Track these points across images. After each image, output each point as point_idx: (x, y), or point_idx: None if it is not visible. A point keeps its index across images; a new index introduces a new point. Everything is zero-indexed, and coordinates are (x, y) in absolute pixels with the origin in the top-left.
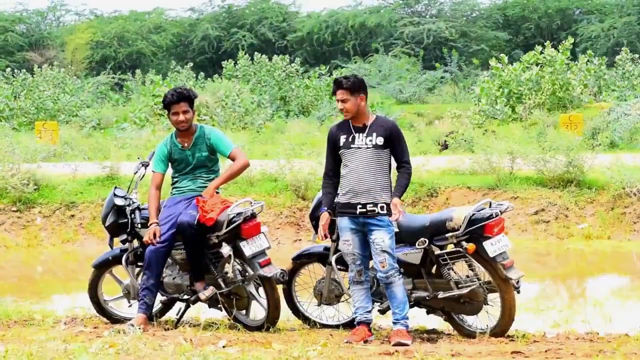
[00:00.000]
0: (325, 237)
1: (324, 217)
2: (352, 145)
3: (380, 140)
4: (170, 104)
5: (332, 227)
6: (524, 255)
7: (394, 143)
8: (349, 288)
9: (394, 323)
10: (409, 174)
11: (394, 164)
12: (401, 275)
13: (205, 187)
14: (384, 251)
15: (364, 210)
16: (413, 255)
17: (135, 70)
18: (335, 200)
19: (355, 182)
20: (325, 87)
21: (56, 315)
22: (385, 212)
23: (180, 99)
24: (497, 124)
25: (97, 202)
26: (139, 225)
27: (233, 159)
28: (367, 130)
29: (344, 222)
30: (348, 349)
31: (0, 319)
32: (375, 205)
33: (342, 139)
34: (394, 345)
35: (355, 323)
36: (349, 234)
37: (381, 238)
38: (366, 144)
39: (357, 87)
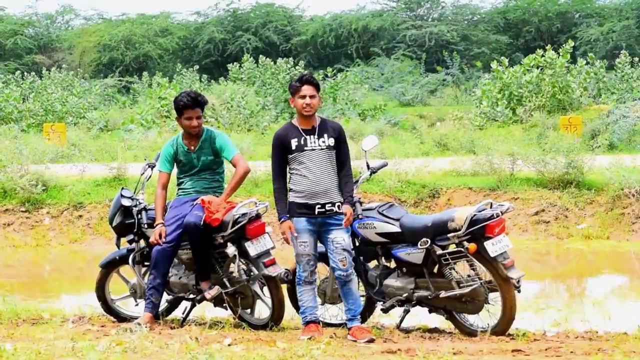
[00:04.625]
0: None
1: (288, 225)
2: (305, 148)
3: (331, 142)
4: (185, 109)
5: None
6: (524, 255)
7: (340, 145)
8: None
9: (351, 319)
10: (352, 179)
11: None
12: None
13: (210, 188)
14: (345, 250)
15: (323, 210)
16: (415, 255)
17: (142, 72)
18: (289, 201)
19: (313, 183)
20: (328, 89)
21: (64, 314)
22: (342, 211)
23: (195, 104)
24: (497, 125)
25: (104, 203)
26: (146, 226)
27: (234, 165)
28: (317, 132)
29: (301, 224)
30: (351, 347)
31: (9, 318)
32: (333, 204)
33: (294, 142)
34: (367, 342)
35: (303, 323)
36: (307, 235)
37: (341, 237)
38: (319, 145)
39: (319, 86)
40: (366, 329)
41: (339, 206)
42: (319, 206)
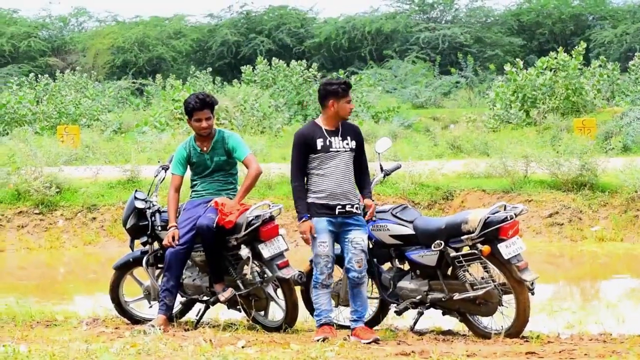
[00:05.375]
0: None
1: (309, 225)
2: (330, 149)
3: (353, 144)
4: (194, 111)
5: None
6: (538, 257)
7: (361, 148)
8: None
9: (356, 321)
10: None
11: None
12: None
13: (223, 189)
14: (362, 251)
15: (343, 210)
16: (429, 257)
17: (155, 75)
18: (309, 201)
19: (334, 185)
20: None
21: (78, 316)
22: (360, 212)
23: (203, 105)
24: (511, 128)
25: (118, 205)
26: (159, 228)
27: (246, 166)
28: (341, 134)
29: (322, 224)
30: (365, 349)
31: (23, 320)
32: (352, 206)
33: (319, 142)
34: (373, 342)
35: (317, 325)
36: (327, 236)
37: (360, 237)
38: (344, 147)
39: None
40: (370, 329)
41: (357, 207)
42: (340, 207)
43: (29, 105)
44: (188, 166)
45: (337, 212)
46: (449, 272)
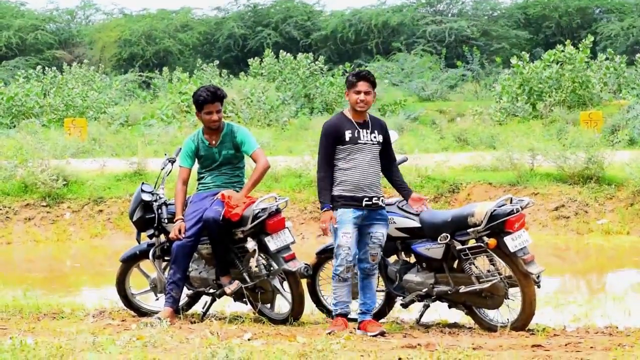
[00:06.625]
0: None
1: (330, 215)
2: (359, 141)
3: (380, 138)
4: (205, 103)
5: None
6: (544, 250)
7: (387, 142)
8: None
9: (364, 313)
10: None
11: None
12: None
13: (230, 183)
14: (380, 246)
15: (370, 202)
16: (435, 250)
17: (162, 67)
18: (334, 194)
19: (361, 177)
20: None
21: (85, 308)
22: (384, 206)
23: (215, 98)
24: (517, 121)
25: (124, 198)
26: (166, 220)
27: (254, 160)
28: (369, 127)
29: (347, 215)
30: (371, 342)
31: (30, 312)
32: (378, 198)
33: (348, 134)
34: (379, 334)
35: (333, 315)
36: (351, 227)
37: (381, 233)
38: (371, 140)
39: (375, 83)
40: (377, 322)
41: (382, 200)
42: (367, 199)
43: (36, 98)
44: (196, 159)
45: (363, 204)
46: (455, 265)
